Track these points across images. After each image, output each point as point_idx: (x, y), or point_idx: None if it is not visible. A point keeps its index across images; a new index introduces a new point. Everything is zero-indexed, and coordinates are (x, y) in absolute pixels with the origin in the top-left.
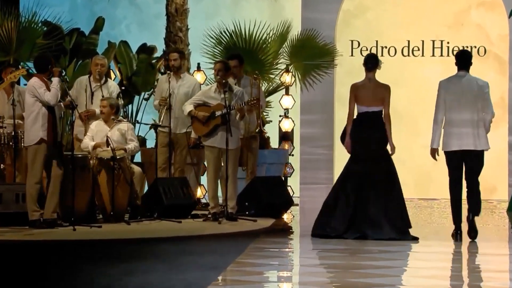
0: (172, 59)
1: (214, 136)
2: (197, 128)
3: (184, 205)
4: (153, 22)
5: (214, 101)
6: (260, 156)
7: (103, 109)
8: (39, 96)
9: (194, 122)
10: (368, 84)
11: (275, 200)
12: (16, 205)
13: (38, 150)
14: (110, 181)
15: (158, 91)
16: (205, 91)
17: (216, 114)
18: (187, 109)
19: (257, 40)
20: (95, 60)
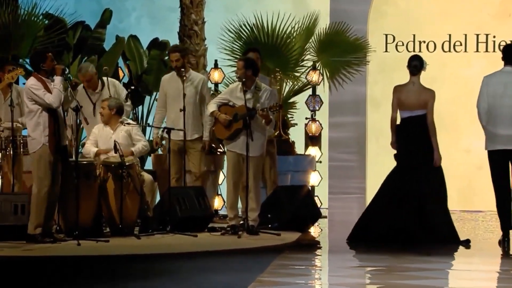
0: (173, 59)
1: (236, 141)
2: (218, 131)
3: (200, 217)
4: (166, 15)
5: (239, 102)
6: (284, 163)
7: (102, 111)
8: (38, 99)
9: (217, 123)
10: (412, 88)
11: (300, 211)
12: (15, 217)
13: (42, 156)
14: (118, 190)
15: (161, 94)
16: (231, 90)
17: (238, 117)
18: (210, 109)
19: (281, 34)
20: (80, 76)
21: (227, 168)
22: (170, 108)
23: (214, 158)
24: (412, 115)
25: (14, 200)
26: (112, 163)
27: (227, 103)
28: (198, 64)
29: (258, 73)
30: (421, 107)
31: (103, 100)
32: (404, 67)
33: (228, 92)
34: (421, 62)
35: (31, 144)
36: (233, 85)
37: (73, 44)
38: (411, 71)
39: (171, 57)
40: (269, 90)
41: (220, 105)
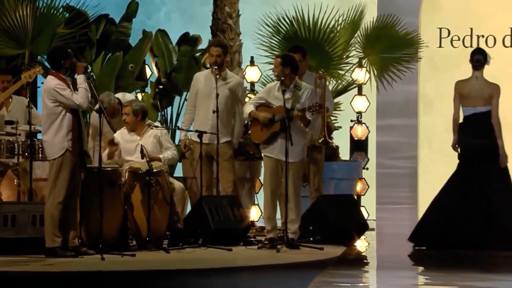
0: (214, 54)
1: (273, 145)
2: (254, 134)
3: (235, 229)
4: (198, 10)
5: (277, 102)
6: (327, 170)
7: (126, 118)
8: (64, 100)
9: (253, 125)
10: (475, 82)
11: (345, 223)
12: (33, 228)
13: (64, 163)
14: (145, 199)
15: (192, 93)
16: (268, 89)
17: (276, 119)
18: (248, 110)
19: (323, 28)
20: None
21: (264, 175)
22: (200, 109)
23: (250, 164)
24: (476, 112)
25: (32, 210)
26: (139, 169)
27: (265, 103)
28: (233, 61)
29: (298, 70)
30: (485, 103)
31: (124, 105)
32: (460, 63)
33: (265, 91)
34: (484, 56)
35: (51, 149)
36: (271, 84)
37: (96, 40)
38: (474, 66)
39: (211, 51)
40: (310, 89)
41: (258, 105)
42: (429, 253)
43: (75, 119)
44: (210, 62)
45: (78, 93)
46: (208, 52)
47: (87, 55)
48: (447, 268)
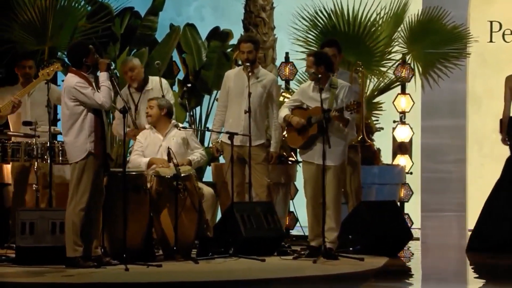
0: (245, 50)
1: (312, 149)
2: (291, 139)
3: (269, 238)
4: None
5: (313, 103)
6: (368, 175)
7: (150, 111)
8: (86, 99)
9: (289, 129)
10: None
11: (388, 232)
12: (52, 237)
13: (86, 166)
14: (172, 206)
15: (223, 92)
16: (302, 89)
17: (312, 121)
18: (282, 114)
19: (364, 22)
20: (122, 67)
21: (304, 182)
22: (231, 109)
23: (285, 169)
24: None
25: (52, 217)
26: (166, 174)
27: (300, 105)
28: (266, 57)
29: (333, 68)
30: None
31: (150, 98)
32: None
33: (299, 92)
34: None
35: (73, 152)
36: (305, 85)
37: (120, 34)
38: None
39: (242, 47)
40: (347, 86)
41: (293, 108)
42: (479, 264)
43: (98, 120)
44: (241, 59)
45: (101, 92)
46: (238, 49)
47: (110, 51)
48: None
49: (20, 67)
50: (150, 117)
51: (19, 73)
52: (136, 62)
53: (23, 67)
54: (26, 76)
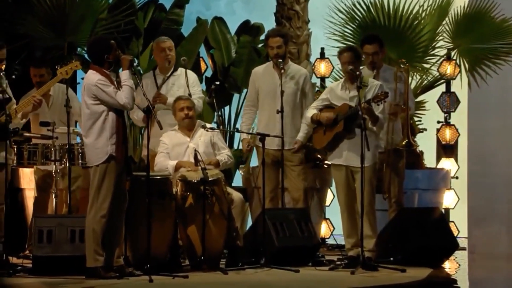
0: (274, 45)
1: (339, 147)
2: (317, 139)
3: (303, 247)
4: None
5: (341, 102)
6: (410, 179)
7: (189, 112)
8: (107, 98)
9: (316, 130)
10: None
11: (431, 241)
12: (71, 246)
13: (107, 170)
14: (200, 213)
15: (251, 90)
16: (331, 88)
17: (338, 118)
18: (309, 114)
19: (406, 15)
20: (159, 44)
21: (336, 187)
22: (263, 109)
23: (319, 173)
24: None
25: (71, 225)
26: (192, 178)
27: (329, 105)
28: (300, 53)
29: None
30: None
31: (179, 98)
32: None
33: (327, 91)
34: None
35: (93, 154)
36: (334, 84)
37: (144, 29)
38: None
39: (270, 42)
40: (378, 85)
41: (321, 108)
42: None
43: (120, 120)
44: (270, 55)
45: (122, 91)
46: (267, 45)
47: (133, 46)
48: None
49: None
50: (186, 120)
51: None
52: (172, 43)
53: (34, 76)
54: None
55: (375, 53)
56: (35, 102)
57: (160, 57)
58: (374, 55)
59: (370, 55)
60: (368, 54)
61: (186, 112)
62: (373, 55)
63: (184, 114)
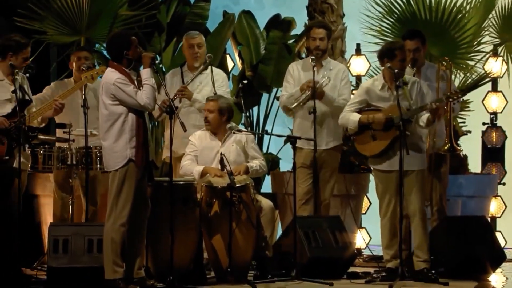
0: (317, 37)
1: (393, 154)
2: (365, 146)
3: (337, 258)
4: None
5: (384, 103)
6: (453, 185)
7: (209, 115)
8: (127, 98)
9: (360, 135)
10: None
11: (476, 252)
12: (89, 256)
13: (127, 175)
14: (226, 221)
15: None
16: (367, 89)
17: (395, 121)
18: (354, 118)
19: (449, 8)
20: (188, 40)
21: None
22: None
23: (355, 178)
24: None
25: (88, 234)
26: (218, 184)
27: (367, 107)
28: (334, 49)
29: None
30: None
31: (209, 98)
32: None
33: (363, 92)
34: None
35: (111, 158)
36: (368, 83)
37: (166, 24)
38: None
39: (313, 33)
40: (417, 81)
41: (357, 111)
42: None
43: (140, 122)
44: (311, 47)
45: (143, 90)
46: (308, 36)
47: (155, 42)
48: None
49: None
50: (208, 124)
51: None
52: (203, 39)
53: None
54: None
55: (416, 50)
56: (56, 106)
57: (189, 53)
58: (415, 52)
59: (411, 51)
60: (409, 51)
61: (205, 115)
62: (414, 52)
63: (205, 117)
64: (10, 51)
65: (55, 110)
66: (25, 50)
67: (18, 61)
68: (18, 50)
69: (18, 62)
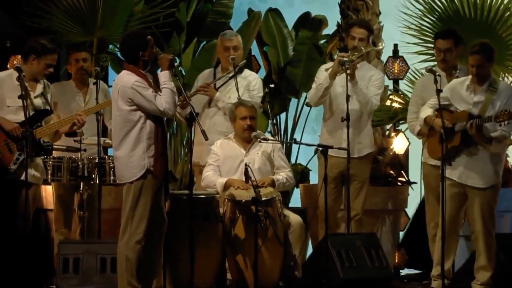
0: (357, 36)
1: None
2: (432, 148)
3: (373, 279)
4: None
5: (463, 105)
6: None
7: (252, 123)
8: (145, 103)
9: (430, 136)
10: None
11: None
12: (102, 276)
13: (144, 188)
14: (251, 238)
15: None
16: (453, 87)
17: (456, 129)
18: (423, 114)
19: (495, 5)
20: (223, 42)
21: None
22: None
23: (393, 192)
24: None
25: (101, 252)
26: (242, 197)
27: (448, 106)
28: None
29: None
30: None
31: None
32: None
33: (449, 89)
34: None
35: (127, 169)
36: (457, 81)
37: (186, 23)
38: None
39: (353, 32)
40: (508, 86)
41: (437, 109)
42: None
43: (159, 129)
44: (349, 46)
45: (162, 95)
46: (348, 34)
47: (173, 43)
48: None
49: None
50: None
51: (72, 70)
52: (240, 41)
53: (76, 62)
54: (81, 72)
55: (447, 50)
56: (78, 121)
57: (223, 56)
58: (446, 52)
59: (441, 51)
60: (440, 51)
61: (249, 123)
62: (445, 52)
63: (247, 125)
64: (33, 54)
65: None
66: (50, 56)
67: (39, 66)
68: (41, 54)
69: (40, 68)
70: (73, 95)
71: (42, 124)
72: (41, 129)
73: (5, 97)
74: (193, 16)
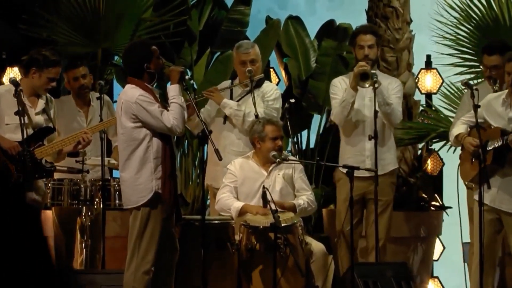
0: (365, 44)
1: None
2: (463, 169)
3: None
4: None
5: (499, 122)
6: None
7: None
8: (150, 119)
9: (465, 156)
10: None
11: None
12: None
13: (152, 213)
14: (269, 268)
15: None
16: (488, 102)
17: (488, 148)
18: (455, 132)
19: None
20: (240, 56)
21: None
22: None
23: (426, 217)
24: None
25: (106, 283)
26: (260, 224)
27: (482, 124)
28: (400, 61)
29: None
30: None
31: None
32: None
33: (484, 105)
34: None
35: (133, 193)
36: (493, 95)
37: (199, 32)
38: None
39: (360, 40)
40: None
41: (472, 126)
42: None
43: (167, 148)
44: (359, 57)
45: (171, 110)
46: (355, 44)
47: (185, 54)
48: None
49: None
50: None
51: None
52: (258, 52)
53: (74, 80)
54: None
55: (494, 67)
56: (82, 140)
57: (240, 70)
58: (493, 69)
59: (488, 68)
60: (486, 67)
61: (280, 144)
62: (491, 69)
63: (278, 147)
64: (34, 66)
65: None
66: (53, 69)
67: (41, 80)
68: (44, 67)
69: (42, 82)
70: (74, 115)
71: (44, 143)
72: (43, 148)
73: (3, 114)
74: (206, 24)
